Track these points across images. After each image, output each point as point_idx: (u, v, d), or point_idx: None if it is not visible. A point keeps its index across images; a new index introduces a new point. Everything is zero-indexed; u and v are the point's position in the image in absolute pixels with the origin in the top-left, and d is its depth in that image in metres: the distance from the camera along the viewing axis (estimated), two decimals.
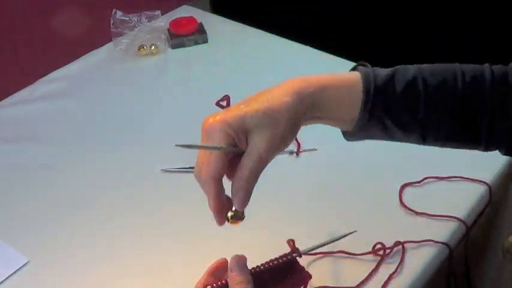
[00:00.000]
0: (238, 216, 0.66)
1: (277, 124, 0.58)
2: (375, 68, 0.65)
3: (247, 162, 0.58)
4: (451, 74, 0.64)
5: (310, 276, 0.65)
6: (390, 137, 0.67)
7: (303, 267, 0.65)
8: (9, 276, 0.80)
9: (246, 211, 0.89)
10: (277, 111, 0.58)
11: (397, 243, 0.79)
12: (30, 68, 1.21)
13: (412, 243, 0.79)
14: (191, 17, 1.33)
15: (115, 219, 0.88)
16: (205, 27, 1.32)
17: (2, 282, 0.79)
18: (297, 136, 1.01)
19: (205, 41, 1.30)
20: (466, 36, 1.48)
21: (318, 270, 0.77)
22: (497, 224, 0.98)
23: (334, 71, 1.25)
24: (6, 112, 1.13)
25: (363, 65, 0.66)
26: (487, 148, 0.67)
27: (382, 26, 1.59)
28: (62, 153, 1.01)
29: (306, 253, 0.63)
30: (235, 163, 0.58)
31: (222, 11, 1.45)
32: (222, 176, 0.59)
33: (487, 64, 0.67)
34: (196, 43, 1.30)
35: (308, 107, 0.61)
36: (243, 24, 1.36)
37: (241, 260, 0.61)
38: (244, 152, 0.58)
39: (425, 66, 0.66)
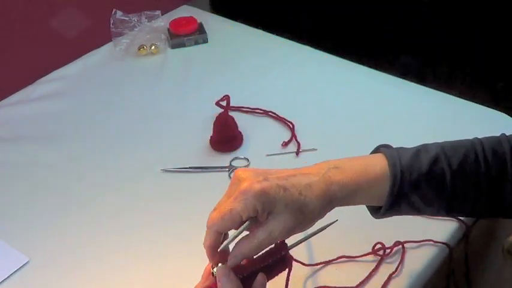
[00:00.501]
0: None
1: (302, 221, 0.61)
2: (399, 148, 0.67)
3: (259, 236, 0.60)
4: (471, 149, 0.66)
5: (292, 258, 0.64)
6: (418, 212, 0.67)
7: (289, 256, 0.64)
8: (9, 276, 0.80)
9: None
10: (308, 212, 0.61)
11: (397, 243, 0.79)
12: (30, 68, 1.21)
13: (412, 243, 0.79)
14: (191, 17, 1.33)
15: (115, 219, 0.88)
16: (205, 27, 1.32)
17: (2, 282, 0.79)
18: (297, 136, 1.02)
19: (205, 41, 1.30)
20: (466, 36, 1.48)
21: (318, 270, 0.77)
22: (497, 224, 0.98)
23: (334, 70, 1.25)
24: (6, 112, 1.13)
25: (385, 146, 0.68)
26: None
27: (382, 26, 1.59)
28: (62, 153, 1.01)
29: (293, 247, 0.63)
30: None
31: (222, 11, 1.45)
32: (227, 231, 0.62)
33: (503, 134, 0.68)
34: (196, 43, 1.30)
35: (336, 205, 0.64)
36: (243, 24, 1.36)
37: (226, 270, 0.60)
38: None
39: (445, 143, 0.67)
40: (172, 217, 0.88)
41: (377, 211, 0.66)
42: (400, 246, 0.79)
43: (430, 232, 0.80)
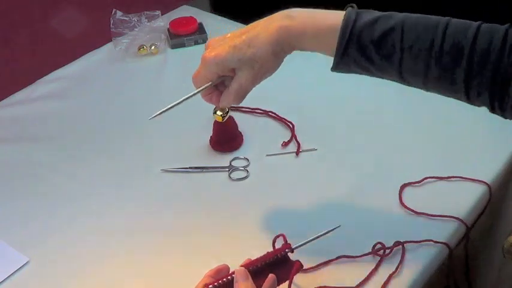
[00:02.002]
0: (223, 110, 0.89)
1: (260, 67, 0.73)
2: (361, 11, 0.70)
3: (232, 87, 0.76)
4: (431, 28, 0.67)
5: (301, 265, 0.68)
6: (370, 74, 0.73)
7: (295, 261, 0.68)
8: (9, 276, 0.80)
9: (250, 210, 0.90)
10: (260, 57, 0.72)
11: (397, 243, 0.79)
12: (30, 68, 1.21)
13: (412, 243, 0.79)
14: (191, 17, 1.33)
15: (115, 219, 0.88)
16: (205, 27, 1.32)
17: (2, 282, 0.79)
18: (297, 136, 1.02)
19: (205, 41, 1.30)
20: None
21: (318, 270, 0.77)
22: (497, 224, 0.98)
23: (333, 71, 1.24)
24: (6, 112, 1.13)
25: (352, 7, 0.72)
26: (469, 99, 0.69)
27: None
28: (62, 153, 1.01)
29: (297, 247, 0.68)
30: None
31: (222, 11, 1.45)
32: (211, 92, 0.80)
33: (478, 22, 0.68)
34: (196, 43, 1.30)
35: (288, 50, 0.74)
36: (243, 24, 1.36)
37: (244, 272, 0.65)
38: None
39: (412, 16, 0.70)
40: (173, 217, 0.88)
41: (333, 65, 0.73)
42: (400, 246, 0.79)
43: (430, 232, 0.80)
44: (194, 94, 0.80)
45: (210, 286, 0.64)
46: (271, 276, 0.64)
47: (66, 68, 1.24)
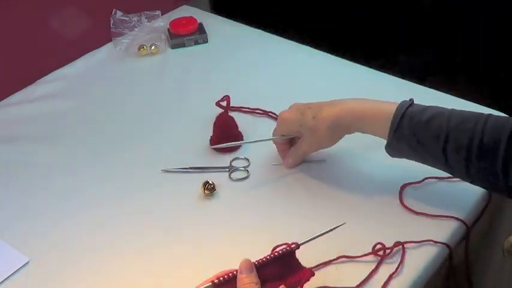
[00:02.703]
0: (209, 189, 0.90)
1: (316, 139, 0.87)
2: (416, 104, 0.80)
3: (293, 150, 0.92)
4: (474, 118, 0.74)
5: (312, 273, 0.69)
6: (420, 157, 0.80)
7: (307, 269, 0.69)
8: (9, 276, 0.80)
9: (250, 211, 0.90)
10: (320, 132, 0.85)
11: (397, 244, 0.79)
12: (30, 68, 1.21)
13: (412, 243, 0.79)
14: (191, 17, 1.33)
15: (115, 219, 0.88)
16: (205, 27, 1.32)
17: (2, 282, 0.79)
18: None
19: (205, 41, 1.30)
20: (467, 37, 1.48)
21: (318, 270, 0.77)
22: (497, 224, 0.98)
23: (334, 70, 1.26)
24: (6, 112, 1.13)
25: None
26: (500, 192, 0.75)
27: (382, 27, 1.59)
28: (62, 153, 1.02)
29: (303, 243, 0.70)
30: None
31: (222, 11, 1.45)
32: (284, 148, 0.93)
33: None
34: (196, 43, 1.30)
35: (345, 130, 0.85)
36: (243, 24, 1.36)
37: (249, 264, 0.66)
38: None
39: (456, 110, 0.78)
40: (173, 217, 0.88)
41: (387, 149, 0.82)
42: (400, 246, 0.78)
43: (430, 232, 0.80)
44: (272, 139, 0.93)
45: (216, 281, 0.64)
46: (282, 287, 0.65)
47: (66, 68, 1.24)
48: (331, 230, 0.72)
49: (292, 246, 0.69)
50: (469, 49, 1.48)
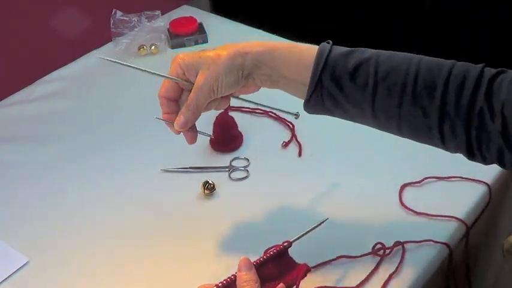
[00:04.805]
0: (209, 188, 0.88)
1: (215, 68, 0.70)
2: (335, 46, 0.70)
3: (191, 94, 0.73)
4: (406, 63, 0.66)
5: (308, 268, 0.68)
6: (345, 113, 0.70)
7: (302, 264, 0.69)
8: (9, 276, 0.80)
9: (250, 211, 0.90)
10: (220, 60, 0.70)
11: (397, 243, 0.79)
12: (30, 68, 1.21)
13: (412, 243, 0.79)
14: (191, 17, 1.33)
15: (115, 219, 0.88)
16: (205, 27, 1.32)
17: (2, 282, 0.79)
18: (297, 136, 1.02)
19: (205, 41, 1.30)
20: (467, 37, 1.48)
21: (318, 270, 0.77)
22: (497, 224, 0.98)
23: None
24: (6, 112, 1.13)
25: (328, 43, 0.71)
26: (445, 146, 0.68)
27: (383, 27, 1.59)
28: (62, 153, 1.02)
29: (294, 241, 0.69)
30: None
31: (222, 11, 1.45)
32: (172, 98, 0.77)
33: (452, 60, 0.67)
34: (196, 43, 1.30)
35: (251, 63, 0.70)
36: (243, 24, 1.36)
37: (248, 261, 0.65)
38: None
39: (385, 52, 0.68)
40: (173, 217, 0.88)
41: (307, 103, 0.70)
42: (400, 246, 0.78)
43: (430, 232, 0.80)
44: (160, 75, 0.79)
45: (219, 284, 0.64)
46: (281, 285, 0.65)
47: (66, 68, 1.24)
48: (317, 226, 0.71)
49: (285, 244, 0.69)
50: (469, 49, 1.48)
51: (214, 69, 0.69)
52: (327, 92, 0.68)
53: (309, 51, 0.69)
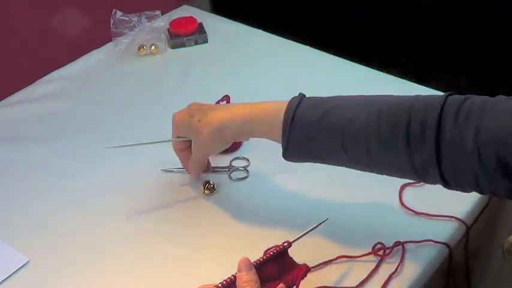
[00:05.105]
0: (209, 188, 0.90)
1: (202, 143, 0.82)
2: (305, 97, 0.74)
3: (192, 155, 0.86)
4: (368, 108, 0.68)
5: (308, 268, 0.69)
6: (320, 159, 0.75)
7: (302, 264, 0.69)
8: (9, 276, 0.80)
9: (250, 211, 0.90)
10: (203, 137, 0.80)
11: (397, 243, 0.79)
12: (30, 68, 1.21)
13: (412, 243, 0.79)
14: (191, 17, 1.33)
15: (115, 219, 0.88)
16: (205, 27, 1.32)
17: (1, 282, 0.79)
18: None
19: (205, 41, 1.30)
20: (467, 37, 1.48)
21: (318, 270, 0.77)
22: (497, 224, 0.98)
23: (334, 70, 1.26)
24: (6, 112, 1.13)
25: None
26: (423, 180, 0.69)
27: (383, 27, 1.59)
28: (62, 153, 1.02)
29: (295, 240, 0.70)
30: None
31: (222, 11, 1.45)
32: (184, 147, 0.88)
33: (413, 96, 0.68)
34: (196, 43, 1.30)
35: (231, 136, 0.80)
36: (243, 24, 1.36)
37: (248, 262, 0.65)
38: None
39: (348, 98, 0.72)
40: (173, 217, 0.88)
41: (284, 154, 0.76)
42: (400, 246, 0.79)
43: (430, 232, 0.80)
44: (164, 141, 0.89)
45: (219, 285, 0.64)
46: (281, 285, 0.65)
47: (66, 68, 1.24)
48: (317, 226, 0.72)
49: (285, 244, 0.69)
50: (469, 49, 1.48)
51: (201, 144, 0.81)
52: (300, 144, 0.73)
53: (280, 110, 0.73)
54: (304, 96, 0.75)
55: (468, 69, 1.54)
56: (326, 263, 0.77)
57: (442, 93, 0.67)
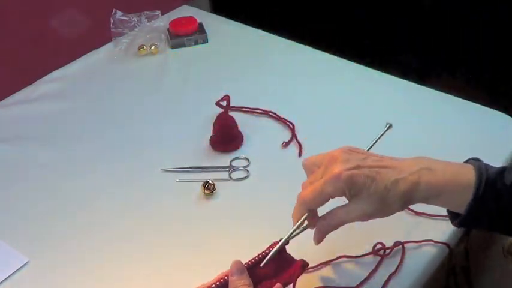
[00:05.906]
0: (210, 188, 0.88)
1: (380, 211, 0.67)
2: (486, 164, 0.69)
3: (339, 214, 0.69)
4: None
5: (305, 264, 0.68)
6: (499, 228, 0.69)
7: (299, 260, 0.69)
8: (9, 276, 0.80)
9: (250, 210, 0.90)
10: (388, 204, 0.67)
11: (397, 243, 0.79)
12: (30, 68, 1.21)
13: (412, 243, 0.79)
14: (191, 17, 1.33)
15: (115, 219, 0.88)
16: (205, 27, 1.32)
17: (2, 282, 0.79)
18: (297, 136, 1.02)
19: (205, 41, 1.30)
20: (467, 37, 1.48)
21: (318, 270, 0.77)
22: None
23: (334, 71, 1.25)
24: (6, 112, 1.13)
25: (476, 160, 0.71)
26: None
27: (383, 26, 1.59)
28: (62, 153, 1.01)
29: (288, 239, 0.69)
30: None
31: (222, 11, 1.46)
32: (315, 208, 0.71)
33: None
34: (196, 43, 1.30)
35: (417, 202, 0.68)
36: (243, 24, 1.36)
37: (240, 265, 0.65)
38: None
39: None
40: (173, 217, 0.88)
41: (456, 217, 0.69)
42: (400, 246, 0.78)
43: (430, 232, 0.80)
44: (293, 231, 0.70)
45: (213, 286, 0.64)
46: (277, 285, 0.65)
47: (66, 68, 1.24)
48: (304, 219, 0.70)
49: (276, 242, 0.69)
50: (469, 49, 1.48)
51: (378, 212, 0.67)
52: (486, 212, 0.66)
53: (469, 184, 0.66)
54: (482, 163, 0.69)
55: (468, 69, 1.54)
56: (326, 263, 0.77)
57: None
